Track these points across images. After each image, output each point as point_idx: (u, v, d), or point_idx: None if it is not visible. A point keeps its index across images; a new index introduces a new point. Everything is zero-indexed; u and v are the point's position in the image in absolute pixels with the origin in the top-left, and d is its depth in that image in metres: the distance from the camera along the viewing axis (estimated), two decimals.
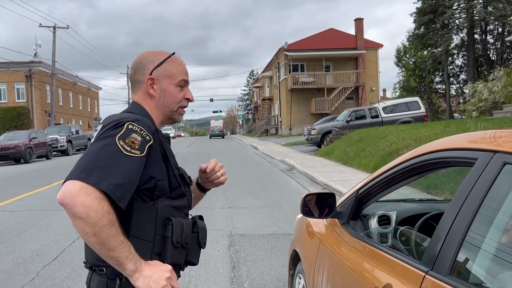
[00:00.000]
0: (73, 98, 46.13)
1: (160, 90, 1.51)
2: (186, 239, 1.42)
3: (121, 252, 1.22)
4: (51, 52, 32.26)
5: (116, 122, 1.33)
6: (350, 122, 19.90)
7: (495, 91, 16.84)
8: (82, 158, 1.28)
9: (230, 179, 10.08)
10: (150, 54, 1.55)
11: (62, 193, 1.18)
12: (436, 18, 27.63)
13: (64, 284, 4.12)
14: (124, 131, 1.30)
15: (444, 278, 1.26)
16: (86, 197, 1.17)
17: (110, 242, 1.20)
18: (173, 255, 1.38)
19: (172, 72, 1.52)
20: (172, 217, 1.40)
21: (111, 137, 1.29)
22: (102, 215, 1.18)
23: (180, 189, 1.46)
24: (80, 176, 1.20)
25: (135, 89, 1.54)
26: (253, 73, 78.71)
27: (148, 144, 1.33)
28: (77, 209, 1.16)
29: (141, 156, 1.30)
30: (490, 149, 1.33)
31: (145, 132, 1.33)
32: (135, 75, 1.54)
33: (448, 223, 1.34)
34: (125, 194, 1.25)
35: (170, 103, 1.53)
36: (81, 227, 1.19)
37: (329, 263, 2.18)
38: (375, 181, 2.04)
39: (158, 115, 1.53)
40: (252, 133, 51.37)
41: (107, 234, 1.19)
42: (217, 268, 4.44)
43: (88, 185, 1.19)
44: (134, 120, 1.35)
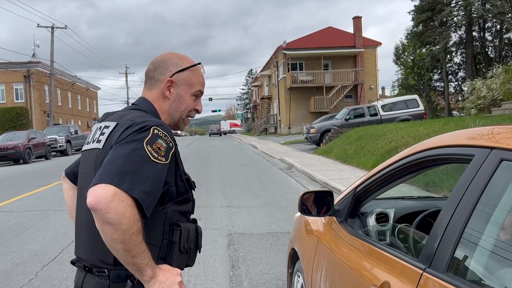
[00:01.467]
0: (71, 98, 46.08)
1: (176, 95, 1.50)
2: (191, 244, 1.42)
3: (143, 259, 1.20)
4: (50, 52, 32.23)
5: (142, 125, 1.29)
6: (349, 120, 19.91)
7: (494, 89, 16.85)
8: (111, 161, 1.22)
9: (229, 178, 10.11)
10: (175, 57, 1.53)
11: (96, 197, 1.13)
12: (434, 16, 27.62)
13: (63, 284, 4.11)
14: (151, 136, 1.26)
15: (442, 275, 1.26)
16: (119, 203, 1.13)
17: (136, 249, 1.18)
18: (179, 261, 1.38)
19: (192, 80, 1.51)
20: (180, 222, 1.39)
21: (139, 141, 1.24)
22: (133, 222, 1.15)
23: (188, 194, 1.44)
24: (113, 181, 1.15)
25: (150, 86, 1.52)
26: (252, 72, 78.67)
27: (172, 151, 1.31)
28: (110, 216, 1.12)
29: (166, 163, 1.28)
30: (487, 145, 1.32)
31: (169, 139, 1.31)
32: (154, 72, 1.51)
33: (445, 220, 1.33)
34: (152, 202, 1.23)
35: (181, 110, 1.52)
36: (109, 233, 1.15)
37: (327, 261, 2.17)
38: (373, 178, 2.03)
39: (167, 118, 1.52)
40: (251, 132, 51.38)
41: (135, 241, 1.17)
42: (216, 267, 4.43)
43: (121, 191, 1.15)
44: (158, 124, 1.31)
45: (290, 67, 34.36)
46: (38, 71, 37.89)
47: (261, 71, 47.28)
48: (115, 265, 1.31)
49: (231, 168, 13.63)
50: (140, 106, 1.49)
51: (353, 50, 34.65)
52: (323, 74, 34.00)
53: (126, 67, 57.17)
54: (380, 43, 36.51)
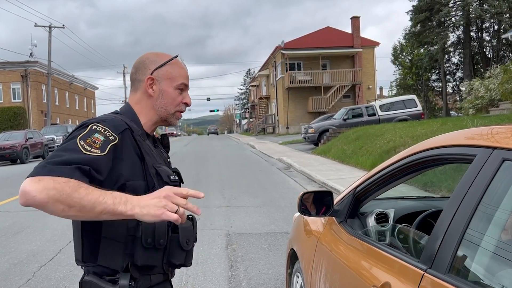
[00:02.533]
0: (69, 98, 45.98)
1: (159, 91, 1.50)
2: (159, 240, 1.36)
3: (104, 203, 1.16)
4: (47, 52, 32.15)
5: (82, 123, 1.34)
6: (347, 120, 19.91)
7: (492, 89, 16.88)
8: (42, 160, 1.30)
9: (227, 178, 10.08)
10: (153, 55, 1.55)
11: (20, 196, 1.14)
12: (432, 16, 27.67)
13: (60, 285, 4.09)
14: (87, 132, 1.30)
15: (443, 276, 1.25)
16: (37, 183, 1.12)
17: (87, 203, 1.14)
18: (144, 257, 1.34)
19: (173, 74, 1.51)
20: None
21: (73, 138, 1.28)
22: (61, 186, 1.13)
23: (154, 188, 1.36)
24: (32, 174, 1.16)
25: (134, 88, 1.54)
26: (250, 72, 78.64)
27: (111, 144, 1.30)
28: (38, 198, 1.11)
29: (101, 154, 1.26)
30: (489, 145, 1.31)
31: (109, 132, 1.31)
32: (136, 74, 1.53)
33: (446, 221, 1.32)
34: (78, 169, 1.19)
35: (167, 105, 1.52)
36: (53, 209, 1.14)
37: (327, 261, 2.16)
38: (372, 179, 2.02)
39: (153, 115, 1.52)
40: (249, 132, 51.36)
41: (78, 197, 1.13)
42: (214, 267, 4.41)
43: (36, 177, 1.14)
44: (100, 121, 1.34)
45: (288, 67, 34.35)
46: (35, 70, 37.78)
47: (259, 71, 47.26)
48: (83, 262, 1.36)
49: (230, 168, 13.62)
50: (119, 110, 1.54)
51: (351, 50, 34.67)
52: (321, 74, 34.00)
53: (123, 66, 57.06)
54: (378, 43, 36.57)
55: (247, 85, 73.35)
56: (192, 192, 1.25)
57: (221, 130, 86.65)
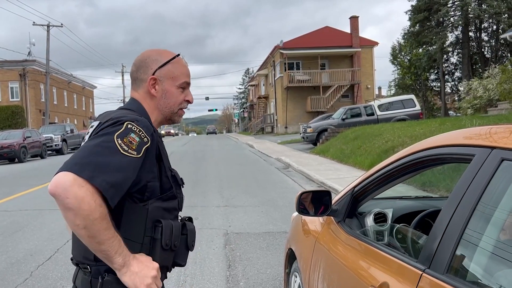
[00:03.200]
0: (67, 97, 45.89)
1: (161, 91, 1.49)
2: (175, 242, 1.41)
3: (111, 246, 1.21)
4: (45, 50, 32.08)
5: (115, 120, 1.31)
6: (345, 120, 19.92)
7: (490, 89, 16.90)
8: (77, 151, 1.25)
9: (226, 177, 10.04)
10: (154, 53, 1.52)
11: (54, 184, 1.16)
12: (431, 15, 27.69)
13: (58, 284, 4.07)
14: (123, 130, 1.28)
15: (442, 276, 1.24)
16: (79, 188, 1.14)
17: (100, 235, 1.18)
18: (162, 258, 1.37)
19: (175, 73, 1.50)
20: (162, 219, 1.38)
21: (109, 134, 1.26)
22: (94, 208, 1.16)
23: (172, 191, 1.44)
24: (73, 169, 1.17)
25: (136, 87, 1.52)
26: (249, 71, 78.59)
27: (146, 146, 1.31)
28: (69, 201, 1.14)
29: (137, 157, 1.28)
30: (488, 145, 1.31)
31: (143, 133, 1.31)
32: (137, 73, 1.51)
33: (445, 221, 1.32)
34: (117, 193, 1.22)
35: (171, 105, 1.51)
36: (72, 219, 1.17)
37: (325, 261, 2.16)
38: (371, 178, 2.02)
39: (158, 115, 1.52)
40: (248, 132, 51.34)
41: (98, 227, 1.17)
42: (212, 267, 4.41)
43: (81, 178, 1.16)
44: (133, 120, 1.33)
45: (287, 67, 34.34)
46: (33, 69, 37.70)
47: (258, 71, 47.26)
48: (95, 261, 1.33)
49: (228, 167, 13.61)
50: (129, 106, 1.51)
51: (350, 50, 34.67)
52: (320, 73, 34.00)
53: (122, 65, 56.98)
54: (377, 43, 36.58)
55: (246, 85, 73.30)
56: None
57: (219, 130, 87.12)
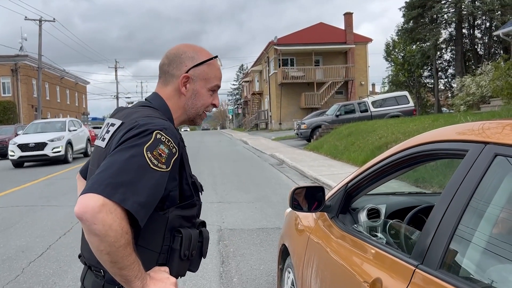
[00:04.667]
0: (60, 92, 45.55)
1: (192, 91, 1.44)
2: (192, 251, 1.37)
3: (131, 271, 1.16)
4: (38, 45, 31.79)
5: (144, 128, 1.23)
6: (339, 116, 19.95)
7: (483, 86, 17.00)
8: (107, 168, 1.17)
9: (220, 173, 10.01)
10: (191, 50, 1.45)
11: (83, 207, 1.09)
12: (424, 12, 27.74)
13: (49, 281, 4.05)
14: (152, 142, 1.21)
15: (435, 272, 1.24)
16: (107, 215, 1.09)
17: (123, 261, 1.14)
18: (179, 268, 1.34)
19: (209, 75, 1.45)
20: (181, 228, 1.33)
21: (138, 146, 1.19)
22: (121, 235, 1.11)
23: (193, 199, 1.38)
24: (104, 192, 1.11)
25: (165, 82, 1.45)
26: (243, 67, 78.44)
27: (174, 158, 1.26)
28: (97, 227, 1.09)
29: (166, 171, 1.22)
30: (481, 140, 1.31)
31: (172, 144, 1.25)
32: (169, 67, 1.44)
33: (438, 216, 1.32)
34: (147, 213, 1.18)
35: (198, 106, 1.46)
36: (96, 244, 1.12)
37: (318, 257, 2.15)
38: (364, 174, 2.01)
39: (182, 114, 1.46)
40: (242, 128, 51.30)
41: (122, 254, 1.13)
42: (205, 263, 4.39)
43: (111, 202, 1.11)
44: (162, 128, 1.25)
45: (281, 63, 34.30)
46: (25, 64, 37.34)
47: (252, 67, 47.15)
48: None
49: (222, 163, 13.58)
50: (151, 103, 1.44)
51: (344, 46, 34.69)
52: (314, 70, 34.00)
53: (115, 61, 56.63)
54: (371, 40, 36.61)
55: (240, 81, 73.17)
56: None
57: (213, 126, 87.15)
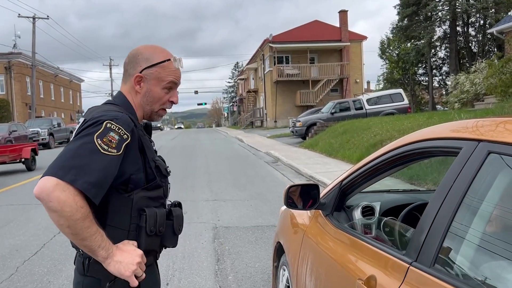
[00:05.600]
0: (54, 90, 45.25)
1: (146, 89, 1.54)
2: (159, 228, 1.49)
3: (93, 241, 1.31)
4: (31, 43, 31.56)
5: (96, 119, 1.38)
6: (334, 114, 19.98)
7: (477, 83, 17.07)
8: (60, 155, 1.33)
9: (215, 171, 9.98)
10: (147, 51, 1.55)
11: (39, 188, 1.26)
12: (419, 10, 27.80)
13: (44, 280, 4.03)
14: (103, 130, 1.35)
15: (429, 269, 1.24)
16: (61, 193, 1.24)
17: (83, 233, 1.29)
18: (147, 243, 1.46)
19: (162, 75, 1.53)
20: (147, 207, 1.46)
21: (90, 135, 1.34)
22: (76, 209, 1.26)
23: (156, 181, 1.50)
24: (57, 174, 1.26)
25: (125, 79, 1.57)
26: (238, 65, 78.29)
27: (125, 143, 1.38)
28: (52, 204, 1.24)
29: (117, 154, 1.36)
30: (475, 138, 1.31)
31: (122, 131, 1.38)
32: (128, 66, 1.56)
33: (432, 214, 1.32)
34: (99, 191, 1.32)
35: (152, 104, 1.57)
36: (56, 219, 1.28)
37: (313, 254, 2.16)
38: (359, 171, 2.02)
39: (140, 110, 1.57)
40: (237, 126, 51.25)
41: (81, 226, 1.28)
42: (201, 261, 4.40)
43: (63, 182, 1.26)
44: (113, 118, 1.39)
45: (276, 61, 34.26)
46: (19, 62, 37.05)
47: (247, 64, 47.09)
48: None
49: (217, 161, 13.57)
50: (114, 101, 1.57)
51: (339, 44, 34.69)
52: (309, 67, 33.99)
53: (110, 59, 56.34)
54: (366, 37, 36.64)
55: (235, 78, 73.01)
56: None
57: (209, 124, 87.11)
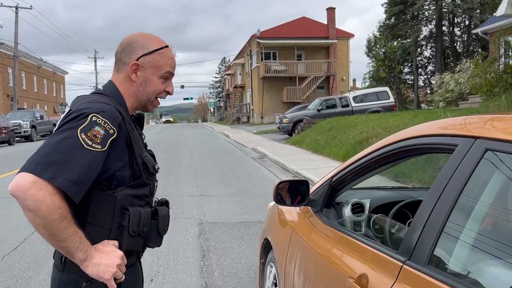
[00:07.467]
0: (37, 82, 44.42)
1: (142, 78, 1.47)
2: (143, 228, 1.42)
3: (71, 243, 1.23)
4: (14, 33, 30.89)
5: (80, 112, 1.29)
6: (321, 111, 20.04)
7: (462, 83, 17.28)
8: (39, 149, 1.24)
9: (201, 166, 9.87)
10: (143, 38, 1.48)
11: (14, 185, 1.17)
12: (406, 9, 28.01)
13: (24, 275, 3.92)
14: (87, 124, 1.26)
15: (422, 268, 1.22)
16: (37, 191, 1.16)
17: (60, 234, 1.21)
18: (129, 243, 1.39)
19: (160, 63, 1.47)
20: (131, 206, 1.38)
21: (73, 129, 1.25)
22: (53, 209, 1.18)
23: (142, 178, 1.43)
24: (35, 170, 1.18)
25: (118, 68, 1.49)
26: (225, 60, 77.92)
27: (111, 138, 1.31)
28: (28, 203, 1.16)
29: (102, 150, 1.28)
30: (471, 135, 1.29)
31: (108, 125, 1.30)
32: (121, 54, 1.48)
33: (426, 212, 1.29)
34: (80, 190, 1.24)
35: (149, 93, 1.49)
36: (31, 219, 1.20)
37: (301, 251, 2.12)
38: (349, 168, 1.99)
39: (134, 101, 1.49)
40: (224, 121, 51.08)
41: (58, 227, 1.20)
42: (186, 256, 4.34)
43: (41, 180, 1.17)
44: (99, 111, 1.30)
45: (263, 56, 34.18)
46: (1, 52, 36.22)
47: (234, 60, 46.86)
48: None
49: (203, 156, 13.48)
50: (104, 90, 1.48)
51: (326, 41, 34.77)
52: (296, 64, 34.00)
53: (95, 51, 55.54)
54: (353, 35, 36.80)
55: (222, 74, 72.67)
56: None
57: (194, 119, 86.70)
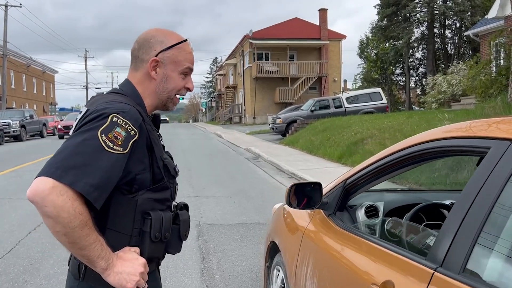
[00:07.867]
0: (26, 81, 43.87)
1: (162, 75, 1.42)
2: (165, 234, 1.36)
3: (92, 251, 1.18)
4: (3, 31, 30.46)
5: (100, 112, 1.24)
6: (314, 111, 20.05)
7: (454, 84, 17.39)
8: (58, 152, 1.18)
9: (195, 167, 9.80)
10: (160, 34, 1.43)
11: (33, 191, 1.11)
12: (398, 10, 28.12)
13: (20, 279, 3.82)
14: (108, 124, 1.21)
15: (457, 276, 1.17)
16: (57, 197, 1.10)
17: (81, 242, 1.16)
18: (151, 249, 1.34)
19: (179, 58, 1.42)
20: (152, 211, 1.33)
21: (93, 130, 1.20)
22: (74, 216, 1.13)
23: (163, 182, 1.38)
24: (54, 174, 1.12)
25: (135, 67, 1.44)
26: (217, 60, 77.70)
27: (133, 140, 1.25)
28: (48, 209, 1.11)
29: (123, 153, 1.22)
30: (506, 137, 1.24)
31: (130, 126, 1.24)
32: (139, 52, 1.42)
33: (459, 217, 1.24)
34: (101, 194, 1.19)
35: (169, 90, 1.44)
36: (51, 226, 1.14)
37: (314, 256, 2.07)
38: (365, 171, 1.93)
39: (154, 99, 1.44)
40: (215, 121, 50.92)
41: (79, 234, 1.15)
42: (186, 259, 4.26)
43: (61, 184, 1.11)
44: (120, 111, 1.25)
45: (256, 57, 34.13)
46: None
47: (226, 60, 46.73)
48: None
49: (197, 157, 13.38)
50: (121, 90, 1.43)
51: (318, 42, 34.82)
52: (289, 65, 34.01)
53: (85, 50, 55.04)
54: (345, 36, 36.92)
55: (214, 74, 72.47)
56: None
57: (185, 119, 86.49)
